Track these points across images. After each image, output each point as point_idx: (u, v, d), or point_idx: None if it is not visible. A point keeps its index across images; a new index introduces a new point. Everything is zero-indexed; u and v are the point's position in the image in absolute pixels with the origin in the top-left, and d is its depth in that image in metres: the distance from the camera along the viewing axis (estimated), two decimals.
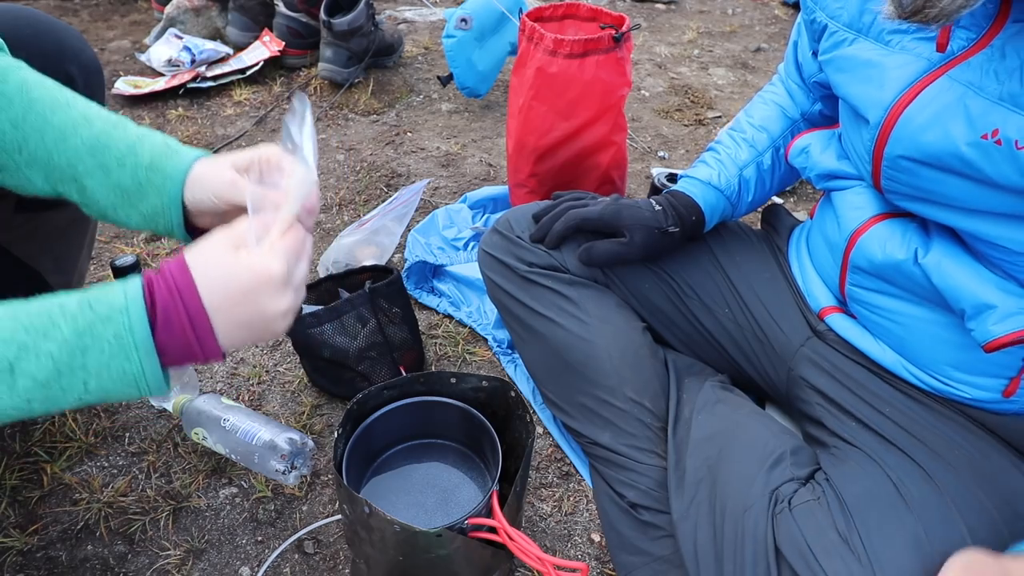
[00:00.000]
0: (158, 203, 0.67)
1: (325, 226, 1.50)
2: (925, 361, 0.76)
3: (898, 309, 0.76)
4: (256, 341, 0.60)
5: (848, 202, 0.79)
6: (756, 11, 2.93)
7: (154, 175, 0.66)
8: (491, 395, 0.88)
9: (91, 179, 0.66)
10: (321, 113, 1.91)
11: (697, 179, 0.94)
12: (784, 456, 0.74)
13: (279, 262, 0.56)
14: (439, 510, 0.86)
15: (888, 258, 0.73)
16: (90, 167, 0.66)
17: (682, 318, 0.95)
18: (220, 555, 0.90)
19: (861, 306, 0.81)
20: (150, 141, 0.68)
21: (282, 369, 1.17)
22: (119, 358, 0.53)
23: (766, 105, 0.98)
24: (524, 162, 1.32)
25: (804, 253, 0.91)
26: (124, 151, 0.67)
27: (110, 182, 0.66)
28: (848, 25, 0.74)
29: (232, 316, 0.56)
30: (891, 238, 0.74)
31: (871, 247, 0.75)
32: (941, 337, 0.74)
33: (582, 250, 0.91)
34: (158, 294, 0.55)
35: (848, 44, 0.74)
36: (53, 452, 1.00)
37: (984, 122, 0.61)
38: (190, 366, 1.04)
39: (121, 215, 0.68)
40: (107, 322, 0.53)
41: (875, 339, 0.80)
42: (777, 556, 0.66)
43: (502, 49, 1.90)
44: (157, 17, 2.30)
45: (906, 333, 0.77)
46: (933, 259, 0.70)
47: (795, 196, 1.72)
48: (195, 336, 0.54)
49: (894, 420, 0.76)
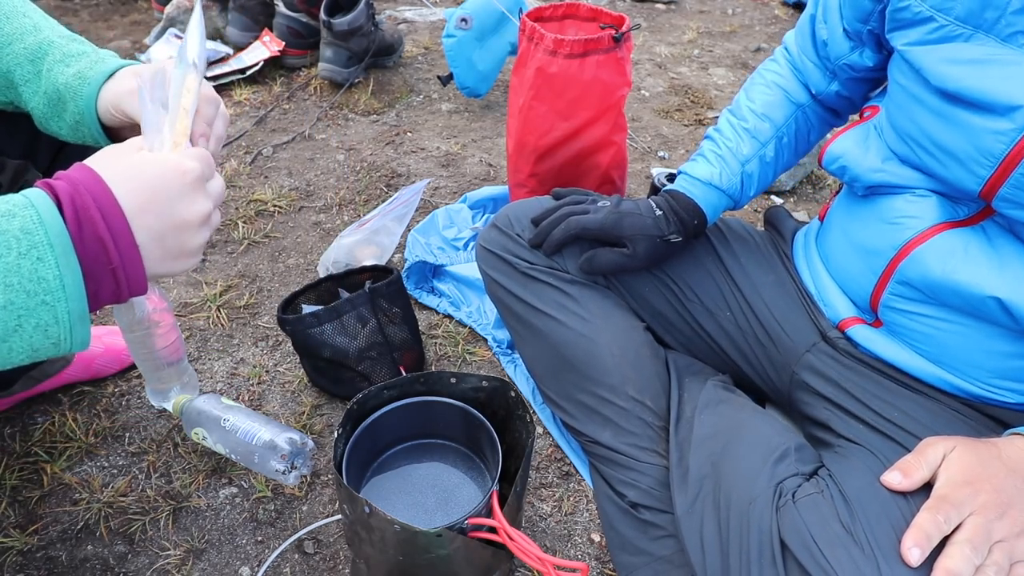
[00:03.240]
0: (75, 110, 0.66)
1: (325, 226, 1.50)
2: (967, 370, 0.74)
3: (943, 320, 0.73)
4: (173, 266, 0.53)
5: (897, 209, 0.74)
6: (756, 11, 2.93)
7: (76, 82, 0.66)
8: (491, 395, 0.88)
9: (27, 86, 0.67)
10: (321, 113, 1.91)
11: (697, 179, 0.91)
12: (788, 452, 0.74)
13: (191, 160, 0.52)
14: (439, 510, 0.86)
15: (948, 277, 0.69)
16: (27, 74, 0.67)
17: (682, 321, 0.94)
18: (220, 555, 0.90)
19: (897, 316, 0.77)
20: (89, 56, 0.68)
21: (282, 369, 1.17)
22: (30, 258, 0.43)
23: (768, 88, 0.92)
24: (524, 162, 1.32)
25: (816, 259, 0.88)
26: (57, 59, 0.67)
27: (40, 89, 0.67)
28: (963, 20, 0.66)
29: (145, 219, 0.48)
30: (952, 253, 0.69)
31: (928, 261, 0.71)
32: (989, 347, 0.72)
33: (583, 260, 0.90)
34: (62, 193, 0.46)
35: (964, 40, 0.66)
36: (53, 452, 1.00)
37: None
38: (122, 305, 1.04)
39: (53, 125, 0.69)
40: (11, 217, 0.43)
41: (905, 348, 0.77)
42: (783, 548, 0.65)
43: (502, 49, 1.90)
44: (157, 17, 2.30)
45: (950, 343, 0.74)
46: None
47: (795, 196, 1.72)
48: (110, 235, 0.46)
49: (900, 425, 0.75)
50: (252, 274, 1.36)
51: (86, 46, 0.69)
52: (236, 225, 1.48)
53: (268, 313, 1.28)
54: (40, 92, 0.67)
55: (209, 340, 1.21)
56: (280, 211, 1.54)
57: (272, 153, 1.75)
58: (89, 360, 1.09)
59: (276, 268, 1.38)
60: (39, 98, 0.67)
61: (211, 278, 1.34)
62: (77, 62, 0.67)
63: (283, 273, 1.37)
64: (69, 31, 0.71)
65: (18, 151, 0.73)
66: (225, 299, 1.29)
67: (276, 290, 1.33)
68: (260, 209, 1.54)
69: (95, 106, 0.66)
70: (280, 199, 1.57)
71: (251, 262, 1.39)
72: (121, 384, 1.12)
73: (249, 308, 1.28)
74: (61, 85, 0.66)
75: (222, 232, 1.47)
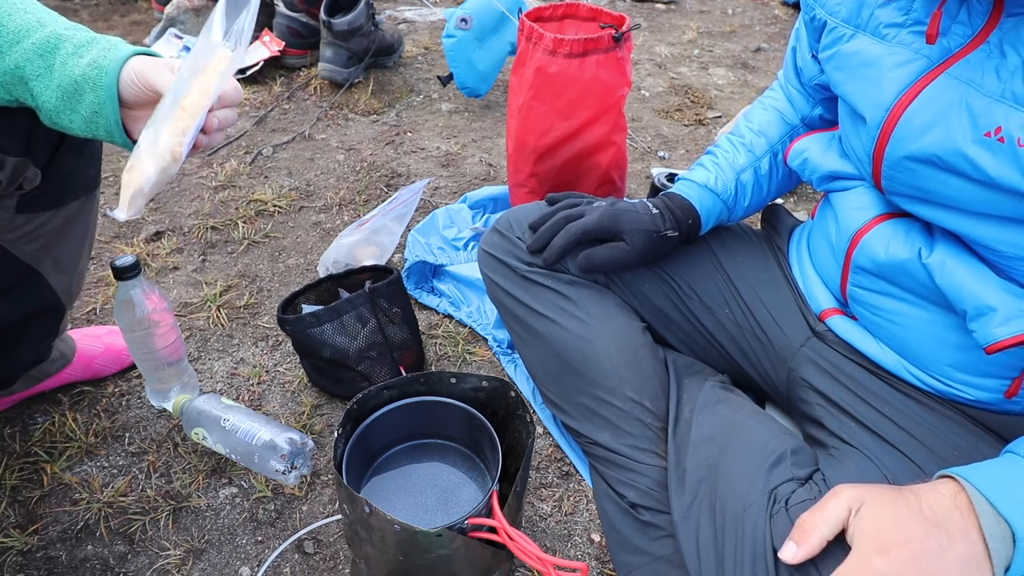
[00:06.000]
0: (94, 99, 0.67)
1: (325, 226, 1.50)
2: (926, 362, 0.76)
3: (900, 310, 0.76)
4: None
5: (850, 202, 0.79)
6: (756, 11, 2.93)
7: (91, 71, 0.66)
8: (491, 395, 0.88)
9: (38, 81, 0.67)
10: (321, 113, 1.91)
11: (694, 182, 0.94)
12: (784, 456, 0.74)
13: None
14: (439, 510, 0.86)
15: (892, 258, 0.73)
16: (39, 68, 0.67)
17: (682, 318, 0.95)
18: (220, 555, 0.90)
19: (863, 307, 0.80)
20: (100, 43, 0.68)
21: (282, 369, 1.17)
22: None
23: (765, 110, 0.98)
24: (524, 162, 1.32)
25: (805, 254, 0.91)
26: (70, 51, 0.67)
27: (53, 82, 0.67)
28: (847, 21, 0.74)
29: None
30: (895, 238, 0.74)
31: (874, 246, 0.75)
32: (943, 338, 0.74)
33: (581, 257, 0.90)
34: None
35: (847, 40, 0.74)
36: (53, 452, 1.00)
37: (987, 119, 0.61)
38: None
39: (65, 120, 0.69)
40: None
41: (876, 341, 0.80)
42: (775, 556, 0.66)
43: (502, 49, 1.90)
44: (157, 17, 2.30)
45: (907, 334, 0.77)
46: (937, 259, 0.70)
47: (795, 196, 1.72)
48: None
49: (894, 420, 0.76)
50: (252, 274, 1.36)
51: (92, 33, 0.70)
52: (236, 225, 1.48)
53: (268, 313, 1.28)
54: (53, 86, 0.67)
55: (209, 340, 1.21)
56: (280, 211, 1.54)
57: (272, 153, 1.75)
58: (89, 360, 1.09)
59: (276, 268, 1.38)
60: (51, 92, 0.67)
61: (211, 278, 1.34)
62: (89, 51, 0.67)
63: (283, 273, 1.37)
64: (68, 20, 0.71)
65: (17, 148, 0.73)
66: (225, 299, 1.30)
67: (276, 290, 1.33)
68: (260, 209, 1.54)
69: (116, 95, 0.67)
70: (280, 199, 1.57)
71: (251, 262, 1.39)
72: (121, 384, 1.12)
73: (249, 308, 1.29)
74: (79, 76, 0.66)
75: (222, 232, 1.47)
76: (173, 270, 1.36)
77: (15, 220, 0.82)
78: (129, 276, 0.93)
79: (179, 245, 1.43)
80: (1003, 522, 0.55)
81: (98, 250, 1.40)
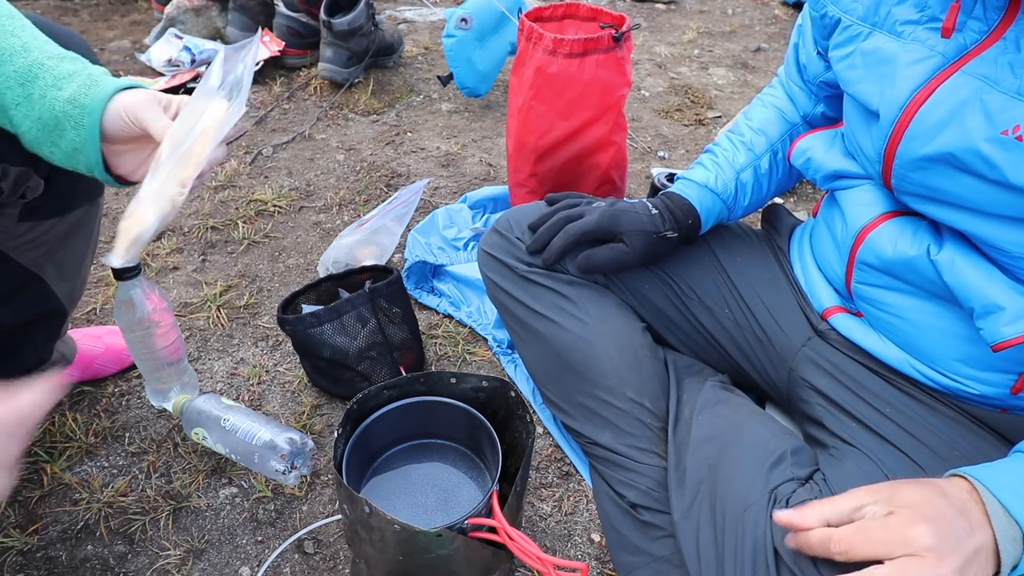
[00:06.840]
0: (75, 137, 0.66)
1: (325, 226, 1.50)
2: (933, 357, 0.76)
3: (906, 305, 0.76)
4: None
5: (855, 199, 0.79)
6: (756, 11, 2.93)
7: (72, 108, 0.65)
8: (491, 395, 0.88)
9: (17, 110, 0.65)
10: (321, 113, 1.91)
11: (694, 182, 0.93)
12: (785, 456, 0.74)
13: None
14: (439, 510, 0.86)
15: (900, 255, 0.73)
16: (18, 97, 0.65)
17: (682, 318, 0.95)
18: (220, 555, 0.90)
19: (868, 303, 0.80)
20: (81, 77, 0.67)
21: (282, 369, 1.17)
22: None
23: (765, 108, 0.97)
24: (524, 162, 1.32)
25: (807, 253, 0.91)
26: (50, 83, 0.65)
27: (33, 114, 0.65)
28: (863, 19, 0.73)
29: None
30: (902, 235, 0.73)
31: (881, 243, 0.75)
32: (950, 332, 0.74)
33: (581, 258, 0.90)
34: None
35: (863, 39, 0.73)
36: (53, 452, 1.00)
37: (1004, 117, 0.60)
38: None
39: (45, 151, 0.68)
40: None
41: (881, 337, 0.80)
42: (776, 556, 0.66)
43: (502, 49, 1.90)
44: (157, 17, 2.30)
45: (914, 329, 0.76)
46: (946, 257, 0.69)
47: (795, 196, 1.72)
48: None
49: (894, 420, 0.76)
50: (252, 274, 1.36)
51: (76, 64, 0.68)
52: (236, 225, 1.48)
53: (268, 313, 1.28)
54: (32, 117, 0.66)
55: (209, 340, 1.21)
56: (280, 211, 1.54)
57: (272, 153, 1.75)
58: (89, 360, 1.09)
59: (276, 268, 1.38)
60: (30, 123, 0.66)
61: (211, 278, 1.34)
62: (69, 84, 0.66)
63: (283, 273, 1.37)
64: (57, 46, 0.69)
65: (19, 158, 0.73)
66: (225, 299, 1.30)
67: (276, 290, 1.33)
68: (260, 209, 1.54)
69: (98, 135, 0.65)
70: (280, 199, 1.57)
71: (251, 262, 1.39)
72: (121, 384, 1.12)
73: (249, 308, 1.29)
74: (59, 112, 0.65)
75: (222, 232, 1.47)
76: (173, 270, 1.36)
77: (18, 228, 0.82)
78: (129, 276, 0.93)
79: (179, 245, 1.43)
80: (1014, 524, 0.55)
81: (98, 250, 1.39)
